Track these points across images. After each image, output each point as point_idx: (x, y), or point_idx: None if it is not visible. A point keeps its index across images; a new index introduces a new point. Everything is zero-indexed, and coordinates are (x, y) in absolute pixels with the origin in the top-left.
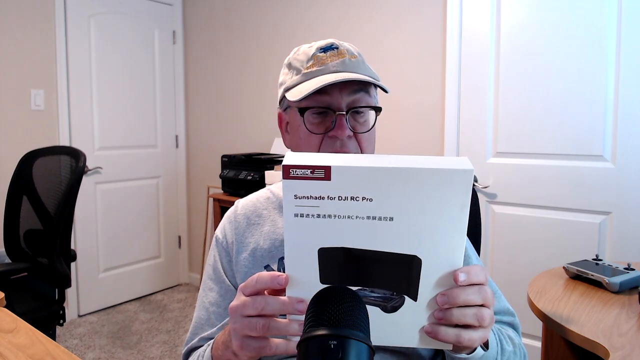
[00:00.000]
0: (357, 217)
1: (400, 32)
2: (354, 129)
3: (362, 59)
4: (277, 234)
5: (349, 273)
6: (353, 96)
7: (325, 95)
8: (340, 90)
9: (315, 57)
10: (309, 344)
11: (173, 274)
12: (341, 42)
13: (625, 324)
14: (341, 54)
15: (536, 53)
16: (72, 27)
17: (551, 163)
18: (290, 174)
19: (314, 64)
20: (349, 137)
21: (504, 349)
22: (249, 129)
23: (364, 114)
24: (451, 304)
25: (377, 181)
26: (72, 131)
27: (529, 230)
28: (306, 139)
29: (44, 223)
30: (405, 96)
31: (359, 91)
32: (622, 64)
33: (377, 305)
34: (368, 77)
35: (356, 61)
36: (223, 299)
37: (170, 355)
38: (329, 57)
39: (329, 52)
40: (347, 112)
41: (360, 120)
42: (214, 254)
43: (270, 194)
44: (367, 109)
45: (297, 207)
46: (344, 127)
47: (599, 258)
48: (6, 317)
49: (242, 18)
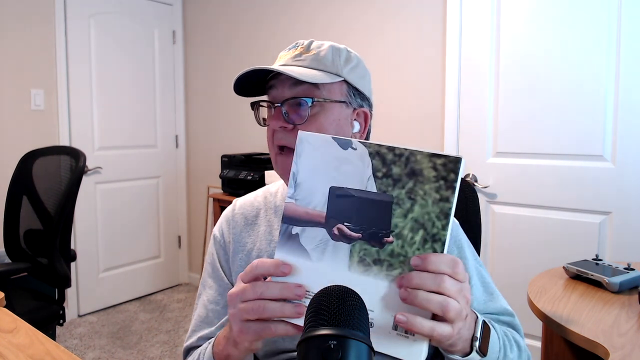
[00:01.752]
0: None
1: (400, 32)
2: (293, 121)
3: (323, 53)
4: (273, 235)
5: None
6: (295, 89)
7: (273, 89)
8: (283, 84)
9: (279, 55)
10: (309, 344)
11: (173, 274)
12: (319, 41)
13: (625, 324)
14: (298, 49)
15: (536, 53)
16: (72, 27)
17: (551, 163)
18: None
19: (276, 61)
20: (286, 129)
21: (507, 356)
22: (248, 129)
23: (305, 107)
24: (406, 285)
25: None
26: (72, 131)
27: (529, 230)
28: (267, 133)
29: (44, 223)
30: (405, 96)
31: (301, 84)
32: (622, 64)
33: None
34: (285, 69)
35: (309, 55)
36: (222, 297)
37: (170, 355)
38: (288, 53)
39: (291, 49)
40: (282, 103)
41: (303, 113)
42: (212, 251)
43: (267, 194)
44: (309, 101)
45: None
46: (276, 118)
47: (599, 258)
48: (6, 317)
49: (242, 18)
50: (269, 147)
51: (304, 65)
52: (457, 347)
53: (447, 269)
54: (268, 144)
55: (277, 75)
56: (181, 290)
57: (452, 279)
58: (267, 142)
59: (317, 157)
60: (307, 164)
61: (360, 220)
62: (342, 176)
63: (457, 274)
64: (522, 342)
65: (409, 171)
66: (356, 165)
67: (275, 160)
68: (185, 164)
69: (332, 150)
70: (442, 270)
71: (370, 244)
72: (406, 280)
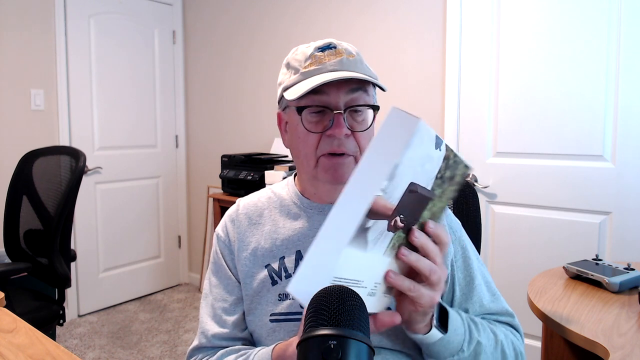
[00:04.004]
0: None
1: (400, 31)
2: (352, 127)
3: (360, 58)
4: (278, 234)
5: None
6: (351, 95)
7: (323, 94)
8: (338, 89)
9: (313, 56)
10: (309, 344)
11: (173, 274)
12: (340, 42)
13: (625, 324)
14: (339, 53)
15: (536, 52)
16: (72, 27)
17: (551, 163)
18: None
19: (312, 63)
20: (346, 136)
21: (473, 338)
22: (248, 129)
23: (362, 113)
24: (413, 238)
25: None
26: (72, 131)
27: (528, 230)
28: (304, 138)
29: (44, 223)
30: (405, 96)
31: (356, 90)
32: (622, 64)
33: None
34: (365, 75)
35: (354, 60)
36: (229, 294)
37: (170, 355)
38: (327, 56)
39: (327, 51)
40: (344, 110)
41: (359, 119)
42: (216, 250)
43: (271, 194)
44: (365, 108)
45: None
46: (342, 125)
47: (598, 258)
48: (6, 317)
49: (242, 18)
50: (307, 154)
51: (358, 71)
52: (423, 322)
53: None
54: (306, 150)
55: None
56: (181, 290)
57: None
58: (306, 147)
59: (419, 152)
60: (411, 157)
61: (410, 213)
62: (422, 174)
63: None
64: (503, 337)
65: (451, 175)
66: (434, 165)
67: (320, 163)
68: (185, 164)
69: (430, 147)
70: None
71: (403, 231)
72: (416, 240)
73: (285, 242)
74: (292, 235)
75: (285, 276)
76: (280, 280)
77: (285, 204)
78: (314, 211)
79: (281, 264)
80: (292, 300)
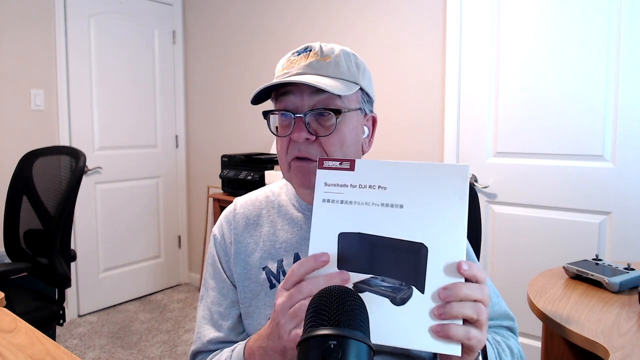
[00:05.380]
0: (373, 204)
1: (400, 31)
2: (316, 132)
3: (338, 60)
4: (276, 236)
5: (363, 259)
6: (315, 98)
7: (289, 96)
8: (301, 92)
9: (288, 60)
10: (309, 344)
11: (173, 274)
12: (326, 44)
13: (625, 324)
14: (312, 55)
15: (536, 52)
16: (72, 27)
17: (551, 163)
18: (324, 165)
19: (285, 67)
20: (308, 141)
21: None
22: (248, 129)
23: (330, 117)
24: (453, 297)
25: (391, 172)
26: (72, 131)
27: (528, 230)
28: (279, 142)
29: (44, 223)
30: (405, 96)
31: (321, 93)
32: (622, 63)
33: (387, 296)
34: (315, 81)
35: (325, 63)
36: (224, 298)
37: (170, 355)
38: (299, 59)
39: (302, 54)
40: (306, 114)
41: (326, 123)
42: (212, 252)
43: (269, 193)
44: (327, 112)
45: (325, 192)
46: (300, 130)
47: (598, 258)
48: (6, 317)
49: (242, 18)
50: (280, 157)
51: (326, 75)
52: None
53: (482, 277)
54: (280, 154)
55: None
56: (181, 290)
57: (486, 287)
58: (280, 151)
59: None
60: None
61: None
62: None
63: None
64: (517, 349)
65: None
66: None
67: (291, 168)
68: (185, 164)
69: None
70: (482, 277)
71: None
72: (453, 291)
73: (284, 245)
74: (290, 238)
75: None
76: (279, 284)
77: (284, 205)
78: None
79: (279, 266)
80: None
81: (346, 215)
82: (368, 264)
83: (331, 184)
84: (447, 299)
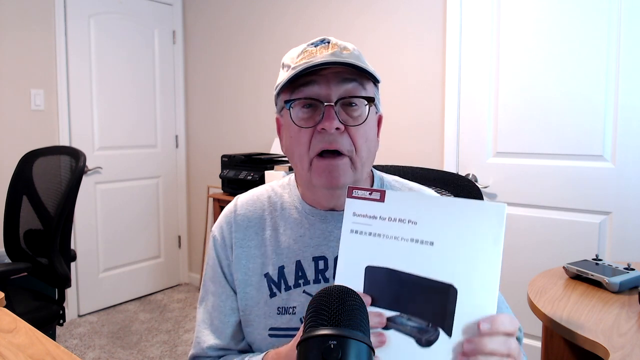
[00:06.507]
0: (402, 239)
1: (400, 31)
2: (346, 122)
3: (358, 54)
4: (278, 240)
5: (390, 296)
6: (343, 86)
7: (314, 86)
8: (329, 81)
9: (304, 51)
10: (309, 344)
11: (173, 274)
12: (337, 40)
13: (625, 324)
14: (332, 47)
15: (536, 52)
16: (72, 27)
17: (551, 163)
18: (353, 194)
19: (303, 57)
20: (339, 131)
21: None
22: (248, 129)
23: (358, 107)
24: (478, 352)
25: (422, 207)
26: (72, 131)
27: (528, 230)
28: (296, 136)
29: (44, 223)
30: (405, 96)
31: (350, 81)
32: (622, 63)
33: (413, 337)
34: (356, 62)
35: (349, 54)
36: (224, 303)
37: (170, 355)
38: (319, 50)
39: (320, 45)
40: (336, 103)
41: (354, 113)
42: (212, 255)
43: (272, 193)
44: (362, 102)
45: (354, 223)
46: (332, 118)
47: (598, 258)
48: (6, 317)
49: (242, 18)
50: (299, 154)
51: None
52: None
53: (511, 328)
54: (299, 150)
55: (318, 70)
56: (181, 290)
57: (514, 339)
58: (298, 146)
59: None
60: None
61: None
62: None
63: (514, 331)
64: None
65: None
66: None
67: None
68: (185, 164)
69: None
70: (509, 330)
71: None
72: (478, 345)
73: (285, 251)
74: (292, 244)
75: (285, 289)
76: (280, 293)
77: (287, 208)
78: (316, 218)
79: (280, 274)
80: (292, 315)
81: (374, 248)
82: (394, 301)
83: (360, 214)
84: (471, 354)
